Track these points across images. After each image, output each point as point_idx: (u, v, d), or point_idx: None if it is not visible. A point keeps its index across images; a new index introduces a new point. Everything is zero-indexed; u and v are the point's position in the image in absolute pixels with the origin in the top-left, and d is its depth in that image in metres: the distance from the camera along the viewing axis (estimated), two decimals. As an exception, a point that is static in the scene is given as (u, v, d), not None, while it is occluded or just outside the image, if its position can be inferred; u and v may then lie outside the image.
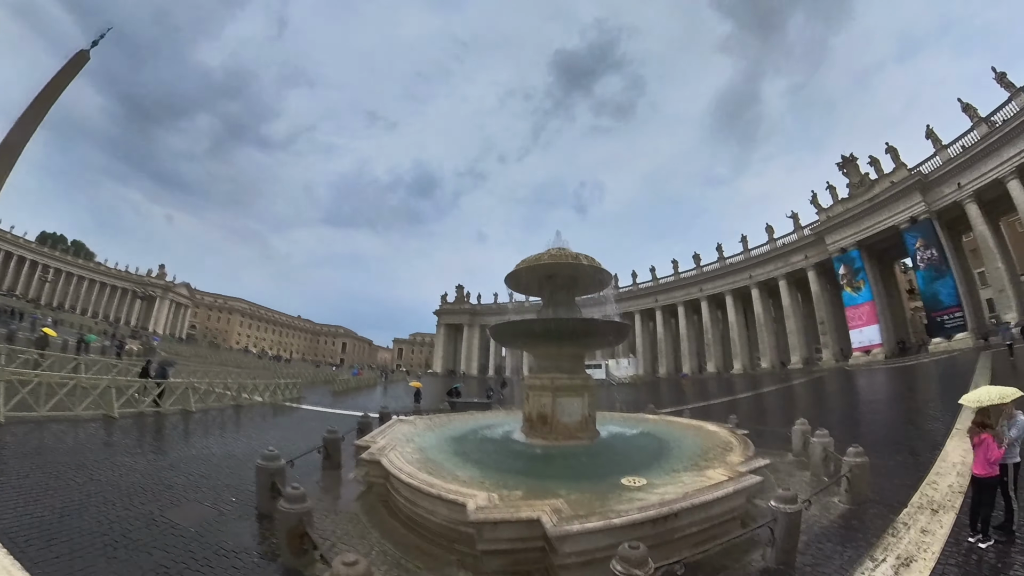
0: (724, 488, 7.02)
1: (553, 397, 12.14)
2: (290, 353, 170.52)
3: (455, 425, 14.63)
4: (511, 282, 14.40)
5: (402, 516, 7.95)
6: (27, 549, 5.80)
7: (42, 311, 75.14)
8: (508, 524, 5.94)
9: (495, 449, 11.77)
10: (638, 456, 10.93)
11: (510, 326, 15.77)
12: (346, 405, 29.56)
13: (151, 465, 10.71)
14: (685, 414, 17.42)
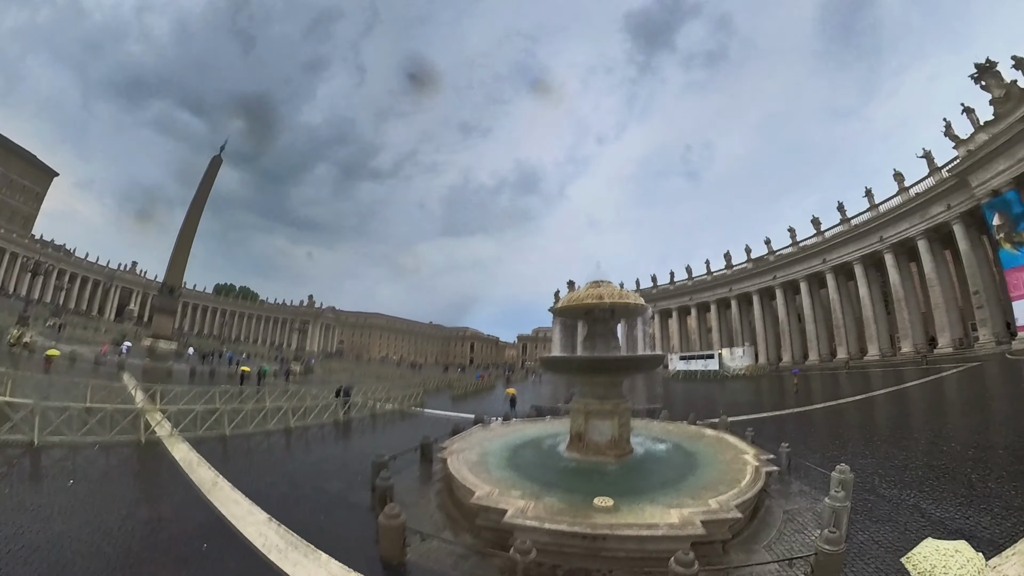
0: (656, 531, 8.61)
1: (586, 419, 14.76)
2: (424, 358, 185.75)
3: (523, 433, 18.46)
4: (559, 314, 17.68)
5: (455, 497, 12.12)
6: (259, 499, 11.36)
7: (228, 346, 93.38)
8: (491, 510, 9.71)
9: (535, 458, 15.04)
10: (643, 479, 12.72)
11: (551, 362, 19.21)
12: (462, 409, 34.66)
13: (316, 457, 17.25)
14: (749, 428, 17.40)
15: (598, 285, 16.06)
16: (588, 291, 15.88)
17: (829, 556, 7.52)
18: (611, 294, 15.54)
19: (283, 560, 8.37)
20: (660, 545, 8.35)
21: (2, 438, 14.09)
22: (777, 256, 77.10)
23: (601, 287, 15.90)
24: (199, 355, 64.73)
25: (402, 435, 22.89)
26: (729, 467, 13.02)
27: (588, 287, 16.26)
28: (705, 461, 14.02)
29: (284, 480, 14.21)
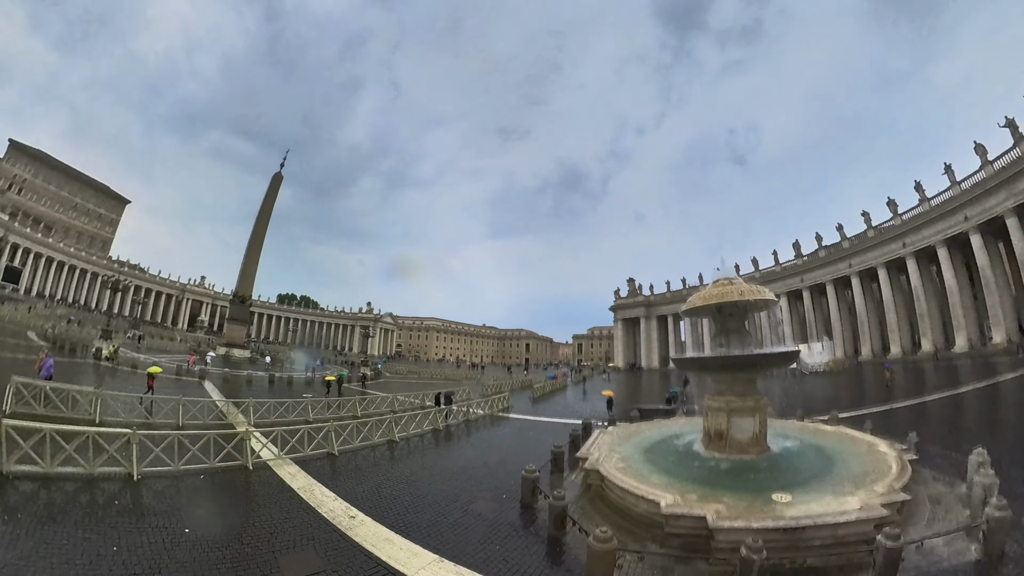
0: (848, 516, 8.91)
1: (728, 416, 14.33)
2: (480, 358, 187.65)
3: (645, 435, 17.92)
4: (689, 313, 17.14)
5: (613, 506, 11.69)
6: (411, 533, 10.75)
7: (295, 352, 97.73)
8: (686, 517, 9.33)
9: (677, 459, 14.69)
10: (794, 474, 12.64)
11: (688, 362, 18.85)
12: (547, 412, 34.36)
13: (440, 474, 16.31)
14: (867, 422, 17.53)
15: (729, 283, 15.62)
16: (720, 288, 15.43)
17: (1000, 521, 8.30)
18: (743, 291, 15.14)
19: None
20: (850, 530, 8.83)
21: (98, 471, 12.46)
22: (851, 242, 72.19)
23: (733, 284, 15.47)
24: (276, 362, 66.86)
25: (506, 443, 22.70)
26: (868, 458, 13.11)
27: (717, 284, 15.86)
28: (840, 454, 13.98)
29: (423, 505, 12.89)
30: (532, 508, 12.14)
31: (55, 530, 9.26)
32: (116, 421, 18.49)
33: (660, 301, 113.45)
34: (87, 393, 19.71)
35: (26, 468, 11.70)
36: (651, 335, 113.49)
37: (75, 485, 11.71)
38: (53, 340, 47.27)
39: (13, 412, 16.51)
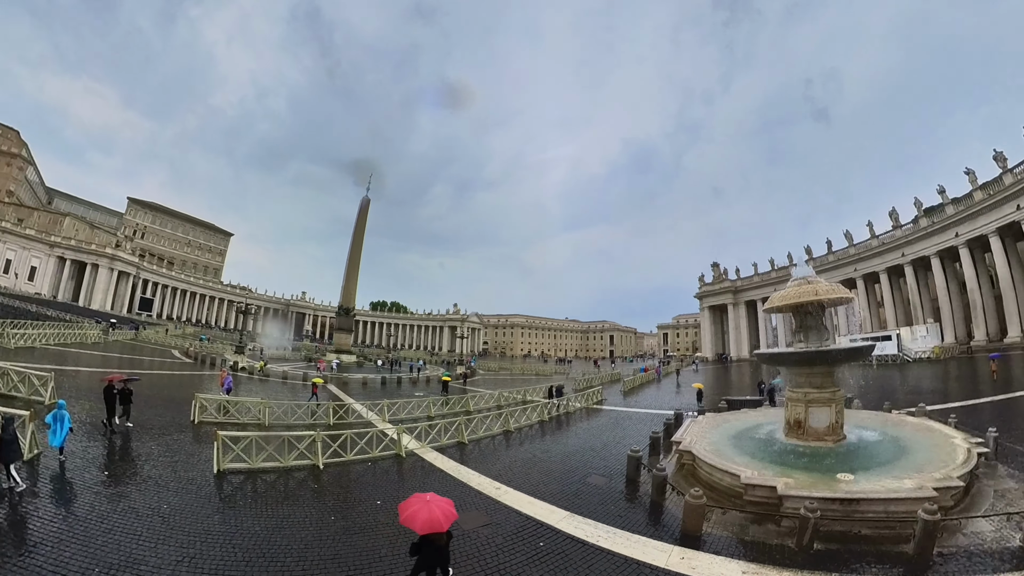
0: (899, 494, 10.68)
1: (805, 407, 16.04)
2: (565, 353, 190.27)
3: (732, 424, 20.16)
4: (770, 311, 18.76)
5: (702, 481, 14.26)
6: (545, 498, 13.93)
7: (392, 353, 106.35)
8: (760, 487, 11.85)
9: (759, 444, 16.82)
10: (864, 460, 14.09)
11: (767, 357, 20.65)
12: (639, 404, 36.77)
13: (554, 456, 19.53)
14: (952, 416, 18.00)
15: (807, 282, 17.13)
16: (797, 289, 17.05)
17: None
18: (819, 290, 16.61)
19: (614, 545, 10.66)
20: (900, 507, 10.43)
21: (292, 463, 16.23)
22: (956, 206, 61.39)
23: (809, 284, 16.99)
24: (388, 364, 73.88)
25: (606, 431, 25.30)
26: (939, 449, 14.20)
27: (796, 285, 17.35)
28: (914, 445, 15.15)
29: (549, 479, 15.98)
30: (636, 482, 15.04)
31: (285, 508, 12.85)
32: (281, 424, 23.24)
33: (748, 285, 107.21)
34: (256, 403, 24.46)
35: (237, 465, 15.39)
36: (740, 323, 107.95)
37: (275, 475, 15.43)
38: (193, 356, 56.15)
39: (200, 421, 21.39)
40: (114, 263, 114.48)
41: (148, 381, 34.65)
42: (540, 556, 10.24)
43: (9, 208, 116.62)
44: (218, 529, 10.93)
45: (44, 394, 21.41)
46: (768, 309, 18.59)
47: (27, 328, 46.87)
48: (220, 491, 13.65)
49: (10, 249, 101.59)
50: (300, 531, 11.30)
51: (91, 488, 12.58)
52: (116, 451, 16.34)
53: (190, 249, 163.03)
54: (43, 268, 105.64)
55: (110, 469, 14.38)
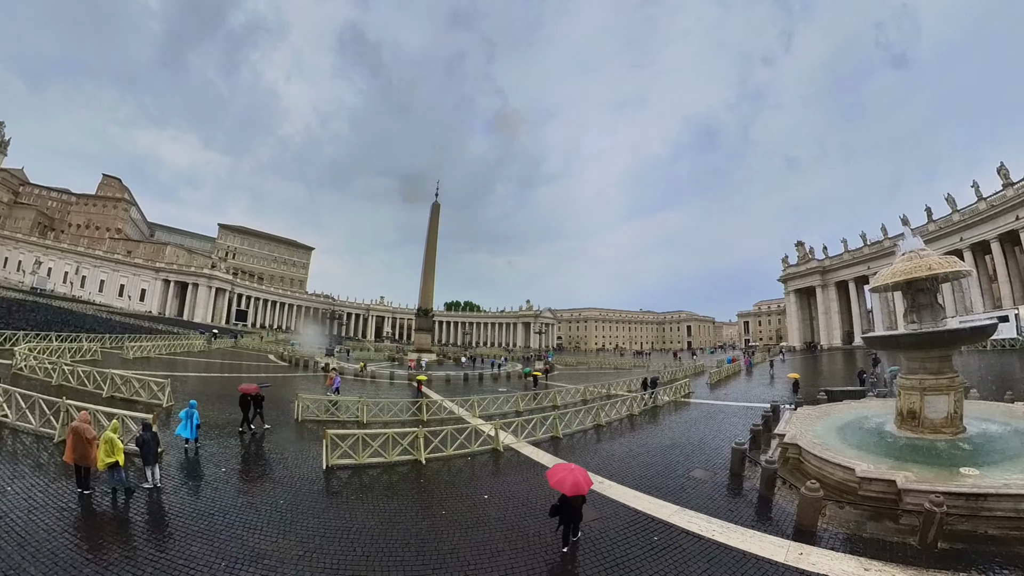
0: None
1: (920, 395, 15.01)
2: (640, 345, 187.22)
3: (835, 416, 19.43)
4: (877, 290, 17.60)
5: (809, 475, 13.79)
6: (651, 492, 14.18)
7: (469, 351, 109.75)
8: (877, 480, 11.54)
9: (868, 437, 16.11)
10: (988, 455, 13.21)
11: (878, 340, 19.42)
12: (727, 396, 35.78)
13: (651, 450, 19.58)
14: None
15: (918, 256, 15.85)
16: (908, 264, 15.83)
17: None
18: (932, 264, 15.28)
19: (730, 539, 10.65)
20: None
21: (396, 459, 16.89)
22: None
23: (921, 258, 15.69)
24: (470, 361, 76.38)
25: (699, 425, 24.99)
26: None
27: (906, 259, 16.12)
28: None
29: (650, 473, 16.02)
30: (740, 476, 14.96)
31: (395, 502, 13.40)
32: (378, 420, 24.34)
33: (837, 264, 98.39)
34: (354, 401, 25.85)
35: (344, 461, 16.21)
36: (829, 307, 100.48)
37: (379, 471, 16.11)
38: (288, 359, 60.56)
39: (304, 419, 23.24)
40: (211, 281, 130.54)
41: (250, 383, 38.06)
42: (658, 550, 10.44)
43: (119, 243, 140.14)
44: (334, 524, 11.49)
45: (162, 398, 23.80)
46: (876, 288, 17.46)
47: (142, 341, 52.28)
48: (331, 487, 14.51)
49: (123, 276, 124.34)
50: (412, 525, 11.70)
51: (212, 484, 13.77)
52: (234, 450, 17.75)
53: (276, 264, 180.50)
54: (151, 290, 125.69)
55: (227, 466, 15.60)
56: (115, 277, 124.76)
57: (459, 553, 10.24)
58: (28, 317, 51.86)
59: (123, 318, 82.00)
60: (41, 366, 28.13)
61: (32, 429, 16.68)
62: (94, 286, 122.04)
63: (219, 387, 34.24)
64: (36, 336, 39.42)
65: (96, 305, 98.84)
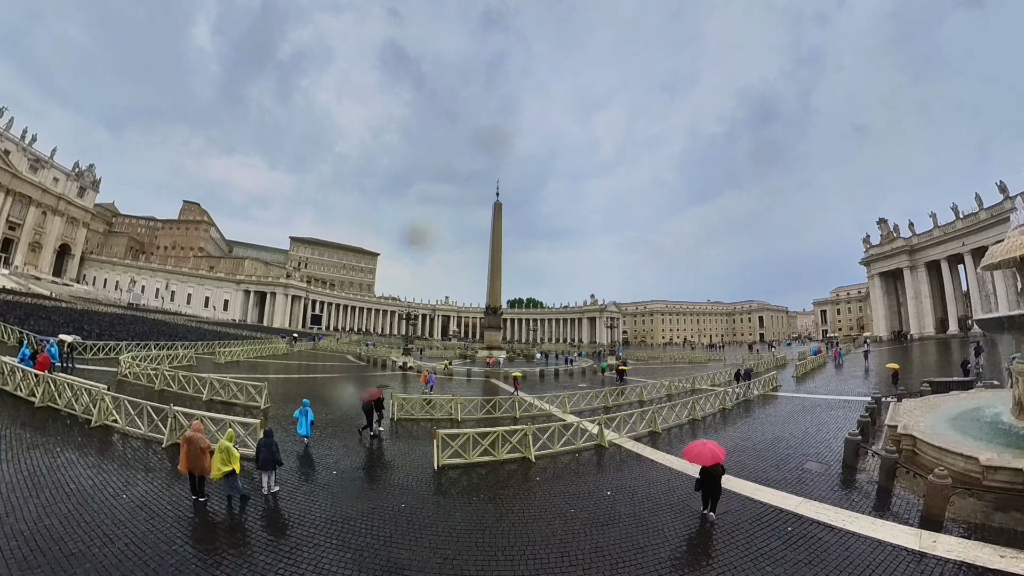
0: None
1: None
2: (710, 338, 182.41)
3: (945, 407, 19.21)
4: (990, 267, 16.68)
5: (925, 466, 14.05)
6: (771, 484, 14.80)
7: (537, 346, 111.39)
8: (1004, 470, 11.73)
9: (984, 428, 15.97)
10: None
11: (995, 322, 18.65)
12: (817, 389, 35.09)
13: (754, 443, 19.96)
14: None
15: None
16: None
17: None
18: None
19: (861, 528, 11.08)
20: None
21: (505, 457, 17.07)
22: None
23: None
24: (543, 357, 78.30)
25: (797, 418, 24.76)
26: None
27: (1021, 231, 15.56)
28: None
29: (764, 467, 16.22)
30: (854, 467, 15.35)
31: (520, 501, 13.73)
32: (471, 418, 25.27)
33: (928, 242, 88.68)
34: (448, 400, 26.48)
35: (454, 461, 16.49)
36: (920, 291, 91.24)
37: (487, 469, 16.32)
38: (365, 359, 64.66)
39: (400, 418, 23.91)
40: (287, 290, 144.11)
41: (338, 383, 40.54)
42: (794, 540, 10.78)
43: (202, 260, 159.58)
44: (463, 527, 11.55)
45: (259, 400, 25.07)
46: (988, 266, 16.64)
47: (230, 346, 56.39)
48: (447, 487, 14.68)
49: (207, 289, 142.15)
50: (546, 525, 11.73)
51: (327, 488, 14.11)
52: (342, 451, 18.26)
53: (345, 271, 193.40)
54: (233, 300, 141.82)
55: (338, 469, 16.06)
56: (200, 290, 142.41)
57: (604, 551, 10.32)
58: (127, 329, 56.89)
59: (210, 326, 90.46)
60: (144, 372, 29.86)
61: (141, 434, 17.37)
62: (182, 299, 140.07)
63: (309, 388, 36.68)
64: (136, 345, 42.35)
65: (185, 316, 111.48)
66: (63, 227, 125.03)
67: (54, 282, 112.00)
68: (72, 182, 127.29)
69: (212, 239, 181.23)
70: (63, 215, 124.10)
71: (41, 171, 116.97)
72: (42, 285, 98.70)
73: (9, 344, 36.20)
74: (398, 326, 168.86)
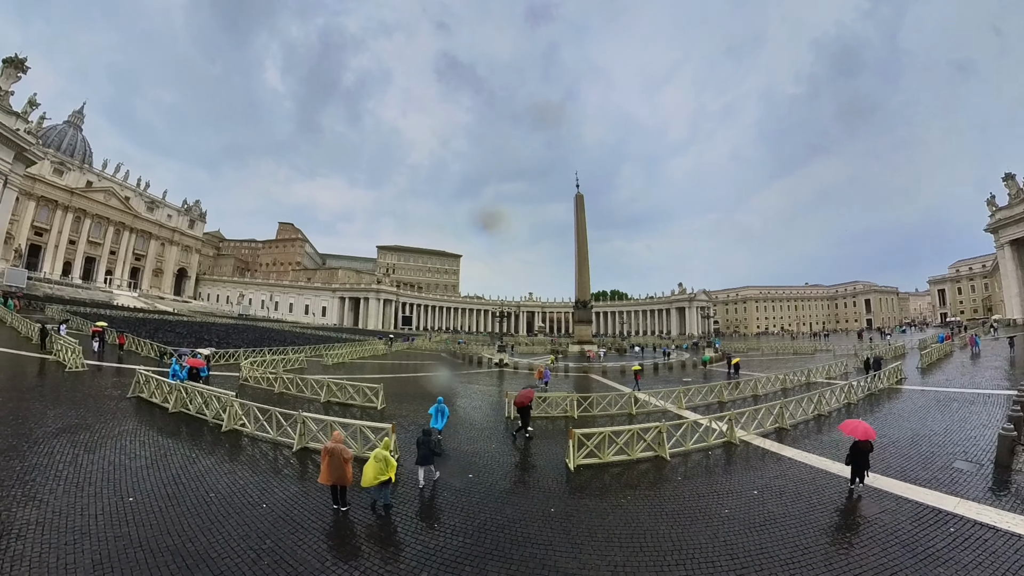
0: None
1: None
2: (809, 325, 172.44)
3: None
4: None
5: None
6: (918, 483, 14.76)
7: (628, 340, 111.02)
8: None
9: None
10: None
11: None
12: (950, 382, 32.83)
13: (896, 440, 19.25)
14: None
15: None
16: None
17: None
18: None
19: None
20: None
21: (637, 456, 17.23)
22: None
23: None
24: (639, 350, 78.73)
25: (932, 414, 23.60)
26: None
27: None
28: None
29: (909, 464, 15.92)
30: (1008, 467, 14.86)
31: (671, 503, 13.40)
32: (587, 415, 25.27)
33: None
34: (564, 397, 26.55)
35: (589, 461, 16.53)
36: None
37: (621, 468, 16.31)
38: (461, 356, 67.47)
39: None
40: (379, 294, 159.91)
41: (443, 381, 42.58)
42: (959, 542, 10.65)
43: (300, 273, 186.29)
44: (621, 531, 11.52)
45: (376, 401, 25.70)
46: None
47: (334, 348, 59.92)
48: (588, 487, 14.68)
49: (306, 298, 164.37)
50: (704, 527, 11.73)
51: (471, 492, 14.08)
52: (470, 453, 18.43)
53: (430, 273, 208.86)
54: (330, 306, 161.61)
55: (474, 472, 16.00)
56: (300, 299, 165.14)
57: (771, 553, 10.33)
58: (241, 336, 63.54)
59: (312, 331, 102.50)
60: (264, 376, 31.69)
61: (270, 438, 18.09)
62: (285, 308, 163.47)
63: (419, 387, 38.05)
64: (251, 351, 45.68)
65: (288, 322, 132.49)
66: (179, 254, 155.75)
67: (175, 300, 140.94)
68: (183, 216, 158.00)
69: (307, 253, 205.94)
70: (178, 244, 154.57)
71: (157, 210, 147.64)
72: (165, 303, 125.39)
73: (142, 354, 41.13)
74: (483, 323, 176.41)
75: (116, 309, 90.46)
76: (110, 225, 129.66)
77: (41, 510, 11.16)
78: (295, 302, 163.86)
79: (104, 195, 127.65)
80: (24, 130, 70.29)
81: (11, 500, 11.57)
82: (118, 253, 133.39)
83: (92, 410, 20.91)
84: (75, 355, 30.51)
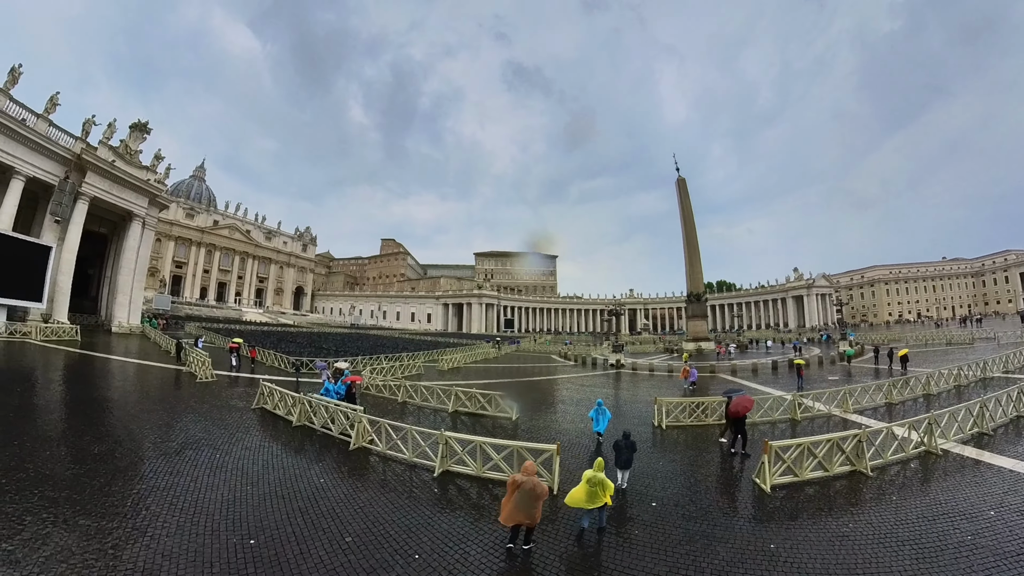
0: None
1: None
2: (952, 310, 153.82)
3: None
4: None
5: None
6: None
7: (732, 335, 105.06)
8: None
9: None
10: None
11: None
12: None
13: None
14: None
15: None
16: None
17: None
18: None
19: None
20: None
21: (835, 471, 15.13)
22: None
23: None
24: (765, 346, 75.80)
25: None
26: None
27: None
28: None
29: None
30: None
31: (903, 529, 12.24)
32: (760, 422, 22.77)
33: None
34: (719, 402, 23.13)
35: (784, 480, 14.45)
36: None
37: (818, 487, 14.30)
38: (573, 358, 65.66)
39: (669, 426, 22.09)
40: (481, 299, 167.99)
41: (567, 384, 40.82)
42: None
43: (404, 283, 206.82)
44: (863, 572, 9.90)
45: (511, 412, 23.97)
46: None
47: (446, 353, 58.34)
48: (794, 512, 12.80)
49: (412, 307, 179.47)
50: (951, 556, 10.26)
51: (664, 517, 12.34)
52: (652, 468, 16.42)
53: (528, 276, 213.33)
54: (435, 313, 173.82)
55: (657, 498, 13.78)
56: (406, 308, 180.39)
57: None
58: (355, 345, 67.19)
59: (419, 337, 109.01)
60: (385, 385, 30.85)
61: (405, 459, 16.19)
62: (392, 317, 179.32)
63: (540, 392, 36.54)
64: (368, 359, 45.24)
65: (396, 330, 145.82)
66: (295, 275, 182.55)
67: (295, 314, 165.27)
68: (296, 242, 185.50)
69: (409, 265, 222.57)
70: (294, 266, 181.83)
71: (274, 239, 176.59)
72: (286, 317, 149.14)
73: (275, 366, 42.65)
74: (583, 323, 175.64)
75: (244, 324, 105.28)
76: (236, 254, 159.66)
77: (150, 551, 9.52)
78: (401, 310, 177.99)
79: (228, 230, 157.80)
80: (154, 180, 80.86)
81: (120, 534, 10.10)
82: (244, 277, 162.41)
83: (216, 421, 20.83)
84: (205, 367, 32.88)
